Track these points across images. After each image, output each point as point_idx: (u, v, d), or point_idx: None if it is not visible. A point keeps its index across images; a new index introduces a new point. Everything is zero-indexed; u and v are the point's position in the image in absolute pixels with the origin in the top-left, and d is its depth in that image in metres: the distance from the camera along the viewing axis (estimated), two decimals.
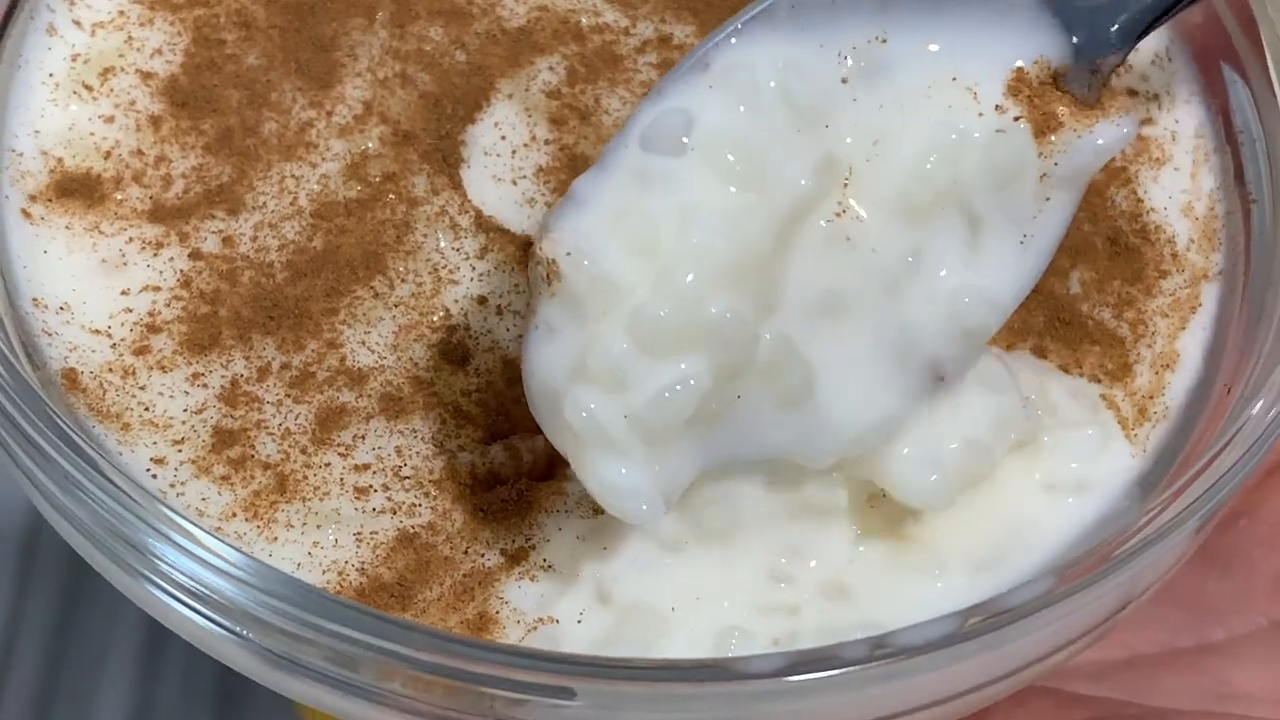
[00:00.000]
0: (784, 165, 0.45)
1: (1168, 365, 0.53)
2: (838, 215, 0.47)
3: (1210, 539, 0.59)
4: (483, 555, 0.48)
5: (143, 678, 0.77)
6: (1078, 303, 0.54)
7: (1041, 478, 0.51)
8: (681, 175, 0.45)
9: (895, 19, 0.48)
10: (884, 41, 0.48)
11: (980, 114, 0.48)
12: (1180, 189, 0.56)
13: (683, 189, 0.45)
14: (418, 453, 0.50)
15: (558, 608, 0.48)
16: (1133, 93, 0.57)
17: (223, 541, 0.44)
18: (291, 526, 0.48)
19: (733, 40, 0.47)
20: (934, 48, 0.48)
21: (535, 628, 0.47)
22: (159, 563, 0.45)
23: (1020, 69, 0.48)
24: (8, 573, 0.78)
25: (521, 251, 0.53)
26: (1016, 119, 0.47)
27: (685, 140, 0.45)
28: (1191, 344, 0.54)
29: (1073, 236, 0.54)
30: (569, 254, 0.44)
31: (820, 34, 0.47)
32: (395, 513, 0.49)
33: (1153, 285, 0.54)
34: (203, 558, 0.44)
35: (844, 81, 0.48)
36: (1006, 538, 0.50)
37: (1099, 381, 0.53)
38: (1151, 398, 0.53)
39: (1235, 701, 0.56)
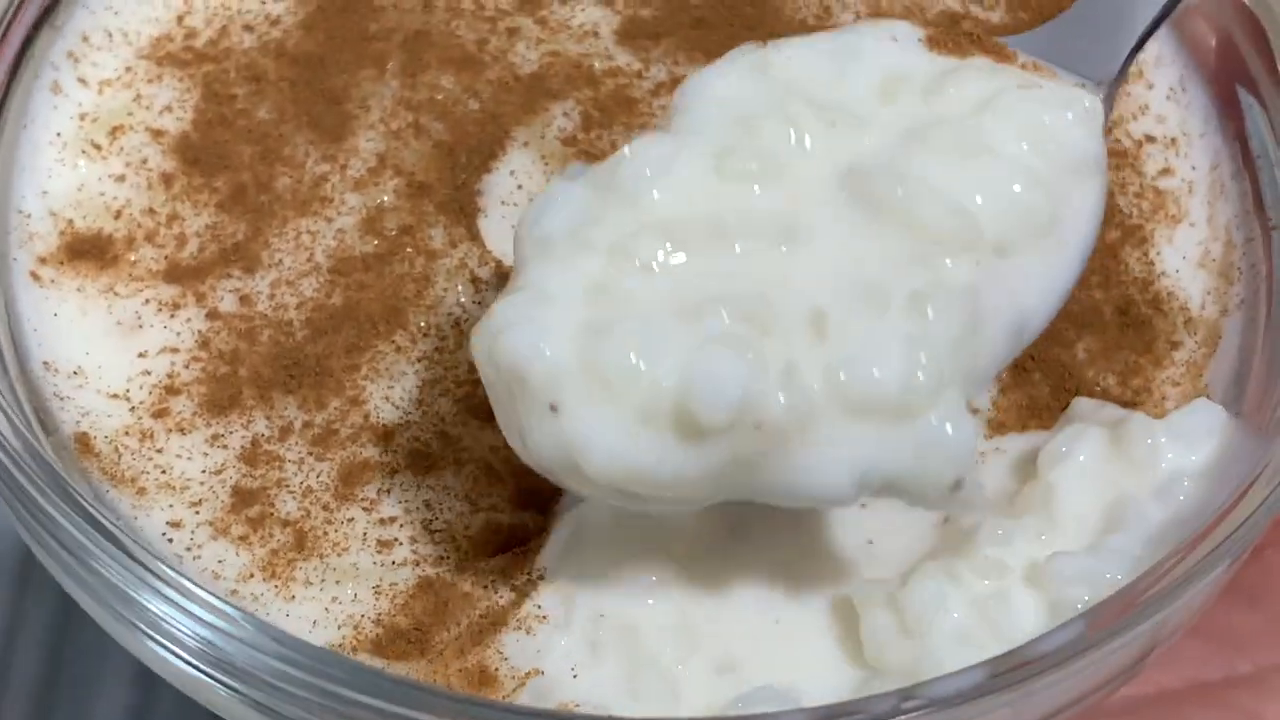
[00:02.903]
0: None
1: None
2: None
3: (1236, 571, 0.58)
4: (498, 592, 0.48)
5: (142, 677, 0.76)
6: (1084, 369, 0.53)
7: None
8: None
9: None
10: None
11: None
12: (1195, 242, 0.55)
13: None
14: (449, 508, 0.49)
15: (548, 660, 0.47)
16: (1150, 139, 0.57)
17: (233, 606, 0.43)
18: (310, 584, 0.48)
19: None
20: None
21: (524, 683, 0.46)
22: (171, 629, 0.44)
23: None
24: (8, 573, 0.77)
25: None
26: None
27: None
28: (1214, 380, 0.53)
29: (1082, 303, 0.53)
30: None
31: None
32: (419, 563, 0.48)
33: (1163, 357, 0.53)
34: (212, 622, 0.43)
35: None
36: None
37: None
38: None
39: None
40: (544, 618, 0.47)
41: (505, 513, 0.49)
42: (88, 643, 0.76)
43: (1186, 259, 0.55)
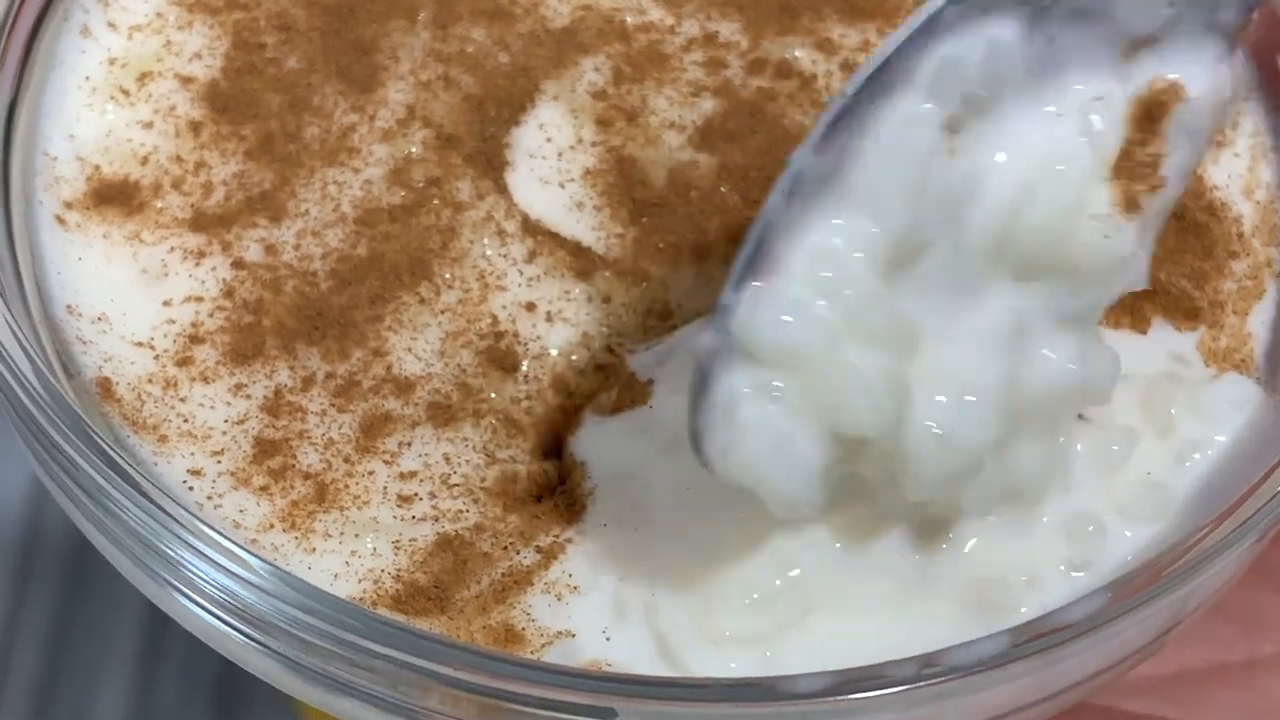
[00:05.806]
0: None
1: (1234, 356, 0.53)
2: None
3: (1264, 553, 0.58)
4: (519, 553, 0.48)
5: (142, 677, 0.76)
6: (1154, 269, 0.51)
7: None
8: None
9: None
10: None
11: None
12: (1239, 174, 0.55)
13: None
14: (468, 460, 0.49)
15: (579, 622, 0.47)
16: None
17: (255, 555, 0.43)
18: (330, 536, 0.47)
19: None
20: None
21: (552, 642, 0.46)
22: (192, 576, 0.44)
23: None
24: (8, 573, 0.78)
25: (571, 256, 0.51)
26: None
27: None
28: (1255, 331, 0.53)
29: None
30: None
31: None
32: (439, 519, 0.48)
33: (1224, 265, 0.53)
34: (235, 571, 0.43)
35: None
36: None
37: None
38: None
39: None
40: (575, 587, 0.47)
41: (524, 463, 0.49)
42: (88, 642, 0.76)
43: (1232, 180, 0.55)
